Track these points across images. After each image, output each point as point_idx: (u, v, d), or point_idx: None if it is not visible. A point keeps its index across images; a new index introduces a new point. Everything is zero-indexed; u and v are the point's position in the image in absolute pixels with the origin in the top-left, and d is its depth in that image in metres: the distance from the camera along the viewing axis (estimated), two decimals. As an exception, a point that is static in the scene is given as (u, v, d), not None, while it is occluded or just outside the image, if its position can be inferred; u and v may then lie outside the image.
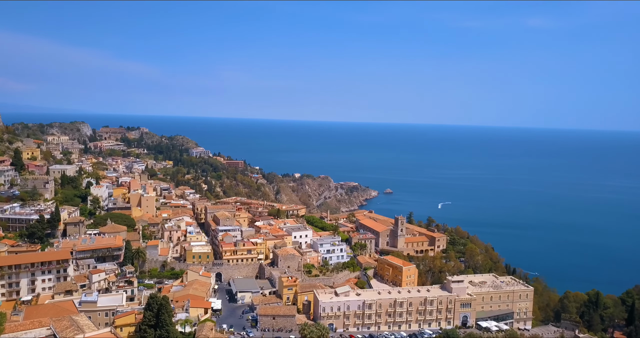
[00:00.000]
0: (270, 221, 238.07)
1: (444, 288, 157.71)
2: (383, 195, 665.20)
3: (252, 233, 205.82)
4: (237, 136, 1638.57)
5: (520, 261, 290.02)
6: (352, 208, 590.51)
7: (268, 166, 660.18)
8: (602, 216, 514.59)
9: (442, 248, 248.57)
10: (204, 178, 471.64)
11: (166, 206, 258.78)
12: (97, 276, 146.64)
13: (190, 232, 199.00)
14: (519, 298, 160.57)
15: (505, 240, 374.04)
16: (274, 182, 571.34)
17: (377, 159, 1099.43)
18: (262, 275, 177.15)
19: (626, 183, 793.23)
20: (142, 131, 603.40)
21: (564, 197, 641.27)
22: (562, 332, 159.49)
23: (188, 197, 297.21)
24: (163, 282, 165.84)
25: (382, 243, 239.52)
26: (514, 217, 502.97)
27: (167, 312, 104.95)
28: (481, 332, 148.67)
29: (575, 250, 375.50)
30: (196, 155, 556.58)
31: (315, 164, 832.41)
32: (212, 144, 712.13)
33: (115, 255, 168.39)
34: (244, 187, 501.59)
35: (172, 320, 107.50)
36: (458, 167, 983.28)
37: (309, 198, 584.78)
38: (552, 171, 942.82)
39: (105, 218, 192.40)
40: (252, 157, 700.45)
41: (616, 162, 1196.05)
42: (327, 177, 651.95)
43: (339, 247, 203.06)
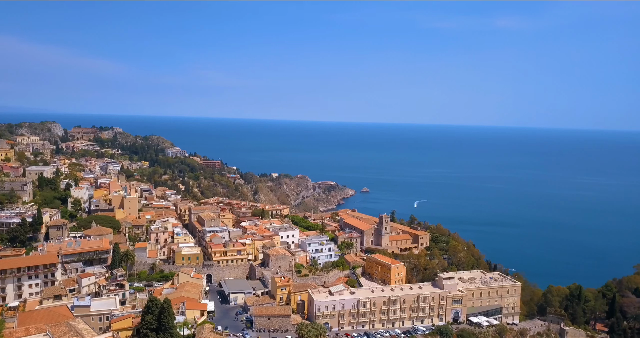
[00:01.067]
0: (256, 221, 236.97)
1: (436, 285, 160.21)
2: (360, 194, 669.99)
3: (240, 234, 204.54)
4: (212, 136, 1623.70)
5: (499, 257, 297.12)
6: (329, 207, 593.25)
7: (245, 166, 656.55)
8: (576, 213, 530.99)
9: (426, 246, 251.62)
10: (181, 178, 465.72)
11: (148, 207, 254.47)
12: (86, 280, 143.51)
13: (178, 234, 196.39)
14: (507, 293, 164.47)
15: (483, 237, 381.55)
16: (251, 182, 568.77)
17: (354, 158, 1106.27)
18: (253, 276, 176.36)
19: (597, 181, 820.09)
20: (116, 131, 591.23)
21: (537, 194, 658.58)
22: (549, 325, 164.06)
23: (169, 198, 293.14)
24: (153, 285, 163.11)
25: (367, 241, 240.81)
26: (490, 214, 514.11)
27: (170, 315, 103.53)
28: (472, 328, 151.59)
29: (550, 246, 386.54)
30: (172, 156, 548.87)
31: (293, 164, 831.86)
32: (188, 144, 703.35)
33: (102, 258, 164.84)
34: (222, 188, 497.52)
35: (174, 323, 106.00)
36: (432, 166, 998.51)
37: (287, 198, 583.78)
38: (525, 169, 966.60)
39: (90, 220, 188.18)
40: (228, 157, 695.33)
41: (588, 159, 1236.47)
42: (304, 177, 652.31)
43: (327, 246, 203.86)
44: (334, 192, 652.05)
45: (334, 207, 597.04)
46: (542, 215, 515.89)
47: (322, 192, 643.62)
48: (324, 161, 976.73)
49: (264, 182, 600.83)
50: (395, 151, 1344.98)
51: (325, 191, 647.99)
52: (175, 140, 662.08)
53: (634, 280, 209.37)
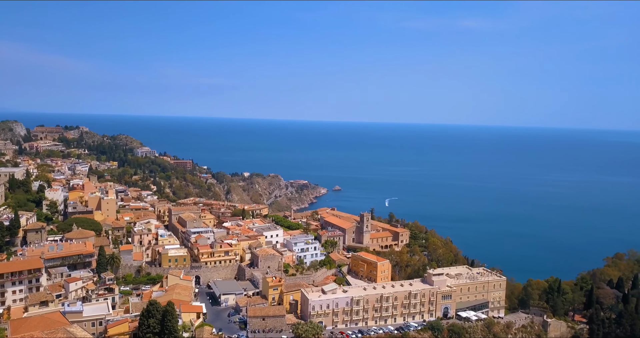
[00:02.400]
0: (238, 222, 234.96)
1: (425, 282, 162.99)
2: (332, 193, 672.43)
3: (224, 235, 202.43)
4: (182, 135, 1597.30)
5: (474, 253, 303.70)
6: (302, 206, 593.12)
7: (216, 165, 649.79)
8: (544, 209, 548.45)
9: (405, 243, 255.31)
10: (153, 179, 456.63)
11: (125, 209, 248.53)
12: (73, 285, 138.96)
13: (162, 235, 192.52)
14: (493, 288, 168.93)
15: (456, 234, 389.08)
16: (224, 182, 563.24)
17: (325, 157, 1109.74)
18: (241, 277, 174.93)
19: (562, 178, 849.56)
20: (82, 130, 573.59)
21: (506, 191, 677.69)
22: (532, 318, 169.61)
23: (146, 199, 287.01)
24: (140, 288, 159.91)
25: (348, 239, 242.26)
26: (461, 211, 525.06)
27: (174, 318, 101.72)
28: (462, 322, 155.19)
29: (521, 241, 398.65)
30: (142, 155, 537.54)
31: (264, 163, 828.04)
32: (157, 144, 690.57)
33: (86, 262, 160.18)
34: (194, 188, 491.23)
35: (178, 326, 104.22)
36: (402, 164, 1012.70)
37: (260, 198, 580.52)
38: (493, 167, 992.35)
39: (70, 223, 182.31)
40: (198, 157, 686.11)
41: (553, 157, 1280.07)
42: (277, 176, 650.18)
43: (312, 246, 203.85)
44: (307, 190, 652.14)
45: (306, 206, 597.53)
46: (511, 211, 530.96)
47: (294, 191, 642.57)
48: (296, 160, 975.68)
49: (236, 181, 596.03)
50: (365, 150, 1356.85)
51: (298, 190, 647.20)
52: (144, 139, 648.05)
53: (606, 272, 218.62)
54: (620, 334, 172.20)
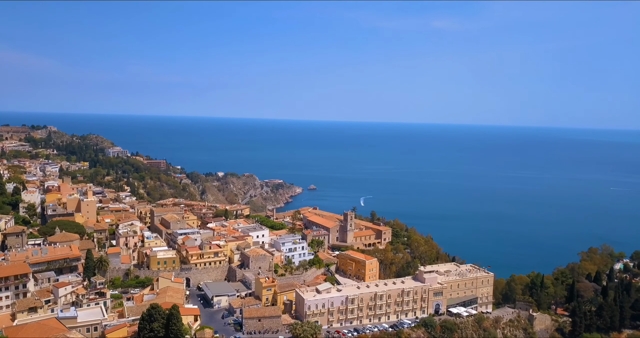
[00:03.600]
0: (223, 222, 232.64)
1: (417, 279, 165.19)
2: (307, 192, 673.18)
3: (211, 236, 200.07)
4: (153, 134, 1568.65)
5: (452, 250, 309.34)
6: (278, 206, 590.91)
7: (189, 165, 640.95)
8: (514, 205, 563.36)
9: (388, 241, 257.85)
10: (126, 179, 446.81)
11: (105, 211, 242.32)
12: (63, 290, 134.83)
13: (148, 237, 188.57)
14: (481, 284, 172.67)
15: (433, 231, 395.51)
16: (198, 182, 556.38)
17: (299, 156, 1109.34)
18: (232, 278, 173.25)
19: (529, 175, 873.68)
20: (50, 130, 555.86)
21: (477, 188, 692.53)
22: (519, 312, 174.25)
23: (124, 200, 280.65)
24: (129, 292, 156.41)
25: (332, 238, 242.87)
26: (435, 208, 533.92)
27: (179, 322, 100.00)
28: (454, 318, 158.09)
29: (495, 237, 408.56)
30: (114, 155, 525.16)
31: (238, 162, 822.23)
32: (129, 143, 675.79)
33: (73, 266, 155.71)
34: (169, 188, 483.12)
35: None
36: (375, 162, 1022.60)
37: (236, 197, 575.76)
38: (463, 164, 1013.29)
39: (53, 226, 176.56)
40: (171, 156, 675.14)
41: (520, 155, 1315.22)
42: (251, 175, 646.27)
43: (300, 245, 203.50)
44: (282, 190, 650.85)
45: (282, 205, 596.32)
46: (486, 208, 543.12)
47: (270, 191, 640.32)
48: (270, 159, 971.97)
49: (211, 181, 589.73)
50: (339, 148, 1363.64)
51: (273, 189, 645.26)
52: (115, 139, 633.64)
53: (584, 266, 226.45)
54: (601, 326, 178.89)
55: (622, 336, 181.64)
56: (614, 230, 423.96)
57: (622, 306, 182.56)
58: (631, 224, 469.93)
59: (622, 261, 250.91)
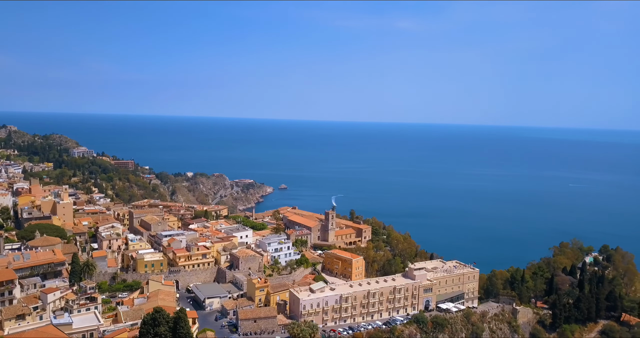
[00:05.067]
0: (205, 223, 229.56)
1: (407, 276, 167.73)
2: (278, 191, 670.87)
3: (195, 237, 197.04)
4: (119, 134, 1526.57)
5: (427, 247, 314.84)
6: (249, 206, 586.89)
7: (157, 165, 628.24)
8: (480, 202, 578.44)
9: (368, 239, 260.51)
10: (94, 180, 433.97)
11: (81, 213, 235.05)
12: (51, 295, 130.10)
13: (132, 240, 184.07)
14: (467, 279, 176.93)
15: (407, 228, 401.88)
16: (168, 182, 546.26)
17: (268, 155, 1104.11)
18: (221, 279, 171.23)
19: (492, 172, 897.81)
20: (10, 129, 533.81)
21: (444, 186, 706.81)
22: (502, 307, 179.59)
23: (98, 202, 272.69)
24: (117, 296, 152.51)
25: (314, 238, 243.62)
26: (406, 206, 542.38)
27: (187, 326, 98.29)
28: (443, 314, 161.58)
29: (465, 233, 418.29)
30: (79, 156, 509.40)
31: (207, 162, 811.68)
32: (94, 143, 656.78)
33: (57, 270, 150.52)
34: (138, 189, 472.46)
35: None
36: (344, 161, 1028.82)
37: (206, 198, 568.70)
38: (428, 163, 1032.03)
39: (32, 230, 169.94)
40: (138, 156, 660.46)
41: (486, 153, 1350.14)
42: (221, 175, 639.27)
43: (286, 245, 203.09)
44: (253, 190, 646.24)
45: (253, 205, 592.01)
46: (452, 205, 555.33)
47: (240, 191, 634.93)
48: (240, 159, 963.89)
49: (180, 181, 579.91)
50: (307, 148, 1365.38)
51: (244, 189, 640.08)
52: (79, 139, 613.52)
53: (559, 260, 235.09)
54: (579, 317, 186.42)
55: (598, 326, 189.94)
56: (577, 225, 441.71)
57: (597, 298, 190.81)
58: (592, 219, 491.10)
59: (591, 255, 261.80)
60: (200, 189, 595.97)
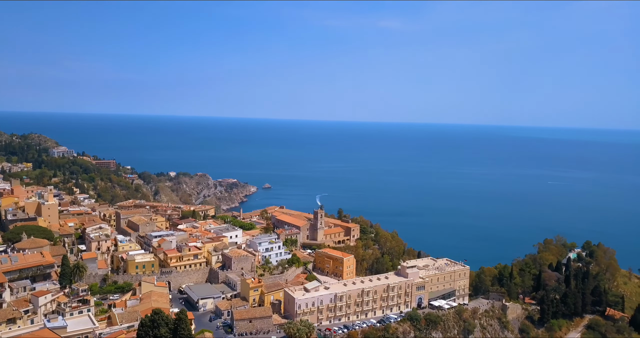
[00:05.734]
0: (193, 223, 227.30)
1: (399, 274, 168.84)
2: (262, 191, 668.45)
3: (185, 238, 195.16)
4: (99, 133, 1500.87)
5: (414, 245, 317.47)
6: (233, 205, 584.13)
7: (139, 165, 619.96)
8: (466, 200, 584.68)
9: (357, 238, 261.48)
10: (75, 181, 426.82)
11: (66, 214, 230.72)
12: (43, 298, 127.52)
13: (122, 241, 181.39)
14: (458, 277, 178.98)
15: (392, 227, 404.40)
16: (151, 182, 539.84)
17: (252, 154, 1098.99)
18: (213, 280, 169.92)
19: (476, 171, 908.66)
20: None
21: (428, 184, 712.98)
22: (492, 303, 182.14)
23: (83, 203, 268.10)
24: (108, 298, 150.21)
25: (303, 237, 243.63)
26: (391, 204, 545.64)
27: (188, 327, 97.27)
28: (436, 311, 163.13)
29: (452, 231, 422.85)
30: (59, 156, 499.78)
31: (190, 162, 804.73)
32: (74, 143, 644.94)
33: (46, 273, 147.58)
34: (121, 189, 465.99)
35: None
36: (328, 160, 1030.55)
37: (189, 197, 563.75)
38: (412, 162, 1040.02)
39: (19, 232, 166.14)
40: (119, 156, 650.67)
41: (470, 152, 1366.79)
42: (204, 175, 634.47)
43: (276, 245, 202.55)
44: (236, 189, 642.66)
45: (237, 205, 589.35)
46: (437, 203, 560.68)
47: (224, 190, 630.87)
48: (223, 158, 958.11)
49: (163, 181, 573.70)
50: (290, 147, 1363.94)
51: (227, 189, 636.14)
52: (58, 138, 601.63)
53: (545, 257, 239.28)
54: (566, 312, 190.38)
55: (584, 321, 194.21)
56: (559, 222, 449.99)
57: (583, 293, 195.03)
58: (573, 216, 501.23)
59: (574, 251, 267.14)
60: (183, 189, 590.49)
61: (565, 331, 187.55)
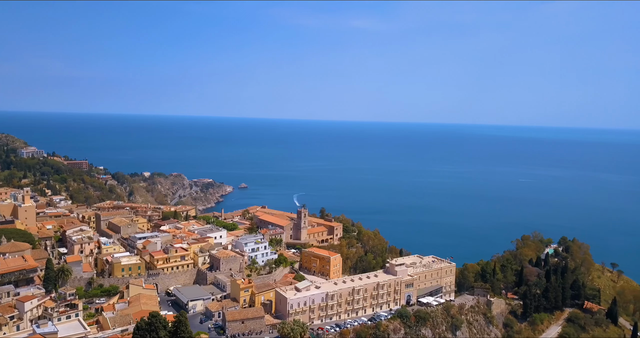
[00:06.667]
0: (176, 224, 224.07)
1: (388, 272, 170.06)
2: (238, 190, 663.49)
3: (170, 239, 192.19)
4: (68, 133, 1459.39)
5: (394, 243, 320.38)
6: (209, 206, 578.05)
7: (112, 165, 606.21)
8: (440, 198, 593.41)
9: (340, 237, 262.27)
10: (46, 182, 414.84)
11: (42, 216, 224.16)
12: (29, 304, 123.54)
13: (105, 243, 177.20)
14: (445, 274, 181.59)
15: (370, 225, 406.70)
16: (125, 183, 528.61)
17: (227, 154, 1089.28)
18: (201, 281, 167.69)
19: (448, 169, 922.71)
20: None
21: (403, 182, 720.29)
22: (478, 299, 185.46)
23: (59, 205, 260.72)
24: (94, 302, 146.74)
25: (286, 236, 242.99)
26: (368, 203, 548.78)
27: (187, 329, 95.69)
28: (425, 308, 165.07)
29: (430, 229, 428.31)
30: (28, 156, 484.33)
31: (164, 162, 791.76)
32: (43, 143, 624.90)
33: (29, 277, 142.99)
34: (94, 190, 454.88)
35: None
36: (303, 159, 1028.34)
37: (165, 198, 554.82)
38: (386, 160, 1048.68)
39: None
40: (91, 156, 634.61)
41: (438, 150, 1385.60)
42: (180, 175, 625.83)
43: (262, 245, 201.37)
44: (212, 189, 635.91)
45: (213, 205, 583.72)
46: (413, 201, 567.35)
47: (199, 190, 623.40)
48: (198, 158, 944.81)
49: (138, 182, 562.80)
50: (265, 146, 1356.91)
51: (203, 189, 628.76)
52: (27, 138, 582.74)
53: (524, 253, 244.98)
54: (547, 306, 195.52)
55: (564, 314, 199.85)
56: (533, 219, 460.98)
57: (563, 287, 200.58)
58: (545, 212, 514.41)
59: (550, 246, 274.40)
60: (158, 189, 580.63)
61: (547, 324, 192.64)
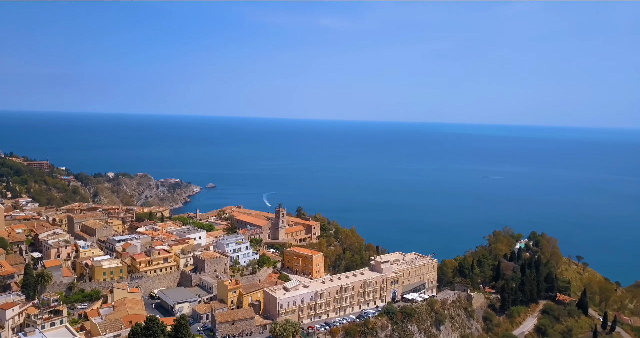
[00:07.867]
0: (154, 226, 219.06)
1: (374, 270, 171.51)
2: (206, 190, 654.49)
3: (149, 241, 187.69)
4: (25, 132, 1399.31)
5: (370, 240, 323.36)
6: (177, 206, 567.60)
7: (74, 166, 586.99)
8: (408, 195, 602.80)
9: (317, 235, 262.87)
10: (5, 183, 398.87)
11: (9, 220, 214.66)
12: (10, 311, 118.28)
13: (83, 247, 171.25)
14: (427, 270, 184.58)
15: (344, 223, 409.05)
16: (88, 184, 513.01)
17: (193, 153, 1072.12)
18: (185, 283, 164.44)
19: (413, 166, 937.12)
20: None
21: (371, 180, 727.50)
22: (459, 294, 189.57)
23: (26, 207, 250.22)
24: (75, 307, 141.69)
25: (265, 236, 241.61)
26: (338, 200, 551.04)
27: (189, 333, 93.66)
28: (410, 304, 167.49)
29: (399, 226, 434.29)
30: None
31: (129, 161, 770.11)
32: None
33: (6, 284, 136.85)
34: (57, 192, 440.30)
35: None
36: (272, 158, 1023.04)
37: (131, 199, 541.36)
38: (354, 158, 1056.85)
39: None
40: (52, 156, 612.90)
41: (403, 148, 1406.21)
42: (146, 175, 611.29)
43: (244, 245, 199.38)
44: (179, 189, 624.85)
45: (181, 205, 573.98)
46: (381, 199, 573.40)
47: (166, 191, 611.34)
48: (163, 157, 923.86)
49: (102, 182, 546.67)
50: (232, 145, 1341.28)
51: (170, 189, 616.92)
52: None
53: (498, 248, 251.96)
54: (524, 299, 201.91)
55: (539, 306, 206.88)
56: (500, 215, 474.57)
57: (538, 280, 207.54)
58: (511, 208, 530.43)
59: (521, 241, 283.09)
60: (124, 190, 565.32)
61: (523, 317, 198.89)
